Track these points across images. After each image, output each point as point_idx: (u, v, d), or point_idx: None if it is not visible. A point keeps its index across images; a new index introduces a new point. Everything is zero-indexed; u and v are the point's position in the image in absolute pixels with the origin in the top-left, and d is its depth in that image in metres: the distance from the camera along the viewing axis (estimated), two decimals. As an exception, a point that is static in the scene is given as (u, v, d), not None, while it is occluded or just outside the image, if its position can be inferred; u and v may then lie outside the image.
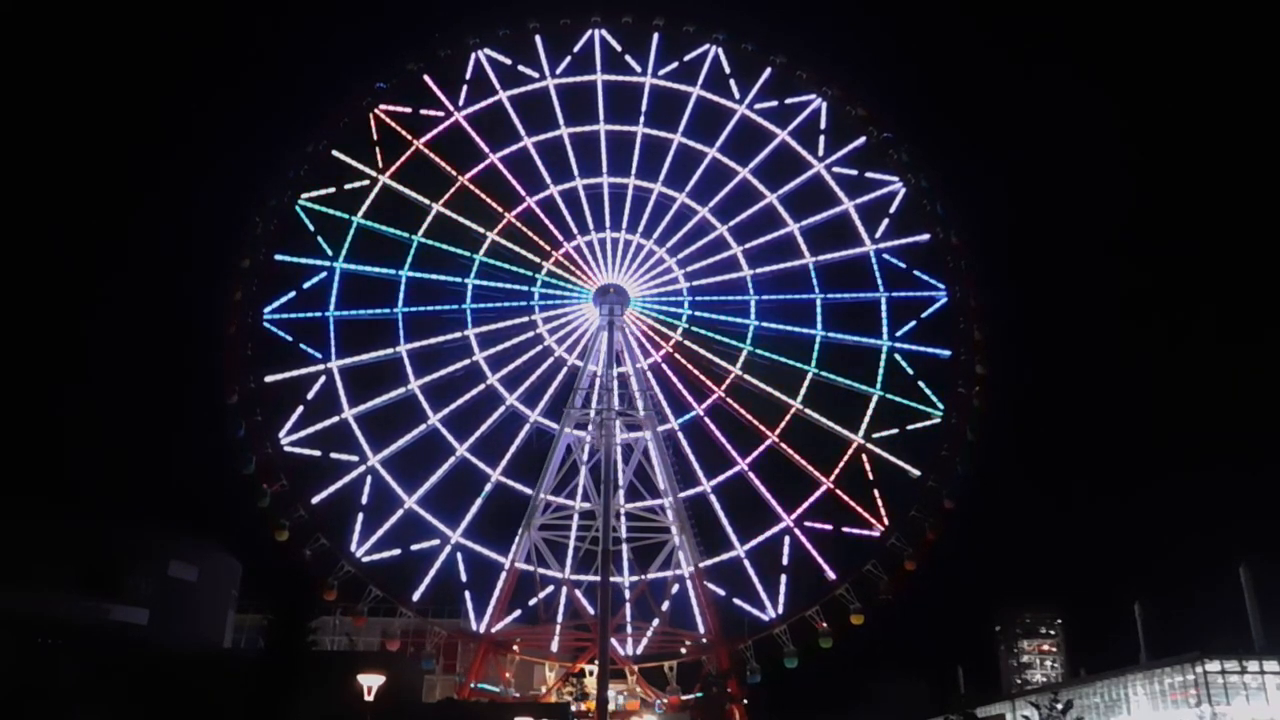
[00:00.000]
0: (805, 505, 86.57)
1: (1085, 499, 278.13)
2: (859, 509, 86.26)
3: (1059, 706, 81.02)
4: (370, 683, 45.38)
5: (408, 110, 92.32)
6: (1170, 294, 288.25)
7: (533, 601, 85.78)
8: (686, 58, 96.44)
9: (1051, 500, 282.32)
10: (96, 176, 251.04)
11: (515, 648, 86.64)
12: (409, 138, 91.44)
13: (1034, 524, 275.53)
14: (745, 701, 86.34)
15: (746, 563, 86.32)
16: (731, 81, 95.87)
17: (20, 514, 65.79)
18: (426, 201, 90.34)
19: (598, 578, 78.75)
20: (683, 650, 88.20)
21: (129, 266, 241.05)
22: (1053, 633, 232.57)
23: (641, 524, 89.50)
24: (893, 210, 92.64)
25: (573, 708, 79.59)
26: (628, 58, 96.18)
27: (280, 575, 72.18)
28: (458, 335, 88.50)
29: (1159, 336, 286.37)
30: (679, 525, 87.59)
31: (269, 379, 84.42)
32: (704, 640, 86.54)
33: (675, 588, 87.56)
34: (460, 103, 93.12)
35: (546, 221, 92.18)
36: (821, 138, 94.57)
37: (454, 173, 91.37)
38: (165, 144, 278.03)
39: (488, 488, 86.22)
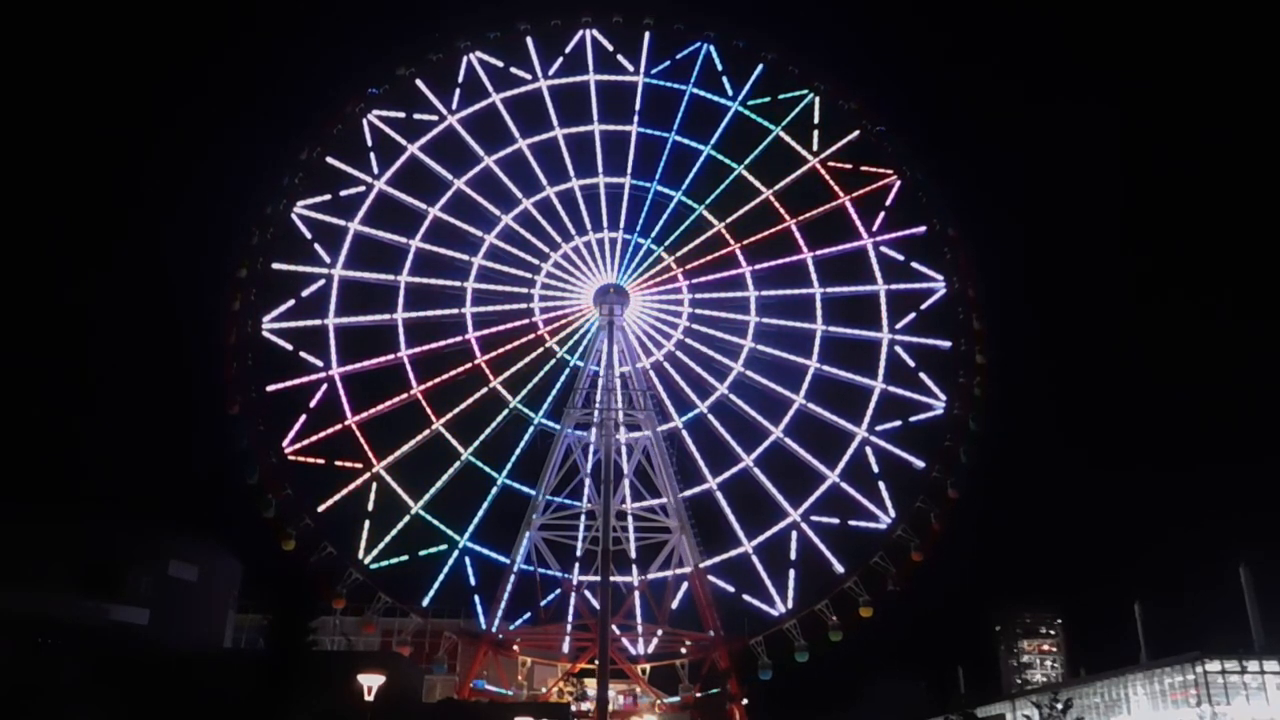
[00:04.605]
0: (811, 500, 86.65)
1: (1085, 496, 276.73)
2: (865, 502, 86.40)
3: (1059, 706, 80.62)
4: (370, 683, 45.43)
5: (401, 115, 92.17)
6: (1172, 285, 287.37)
7: (544, 602, 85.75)
8: (678, 56, 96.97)
9: (1051, 496, 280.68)
10: (93, 184, 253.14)
11: (515, 648, 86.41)
12: (403, 142, 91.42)
13: (1034, 519, 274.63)
14: (745, 701, 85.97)
15: (754, 559, 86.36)
16: (724, 79, 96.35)
17: (20, 514, 65.37)
18: (423, 206, 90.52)
19: (598, 578, 78.45)
20: (683, 650, 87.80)
21: (129, 270, 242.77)
22: (1053, 633, 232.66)
23: (642, 524, 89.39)
24: (889, 203, 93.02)
25: (573, 708, 79.24)
26: (619, 57, 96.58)
27: (280, 575, 72.01)
28: (458, 339, 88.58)
29: (1161, 328, 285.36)
30: (680, 525, 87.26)
31: (270, 388, 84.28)
32: (711, 636, 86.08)
33: (684, 586, 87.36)
34: (453, 106, 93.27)
35: (544, 223, 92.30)
36: (815, 133, 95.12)
37: (450, 176, 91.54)
38: (159, 154, 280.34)
39: (493, 491, 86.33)
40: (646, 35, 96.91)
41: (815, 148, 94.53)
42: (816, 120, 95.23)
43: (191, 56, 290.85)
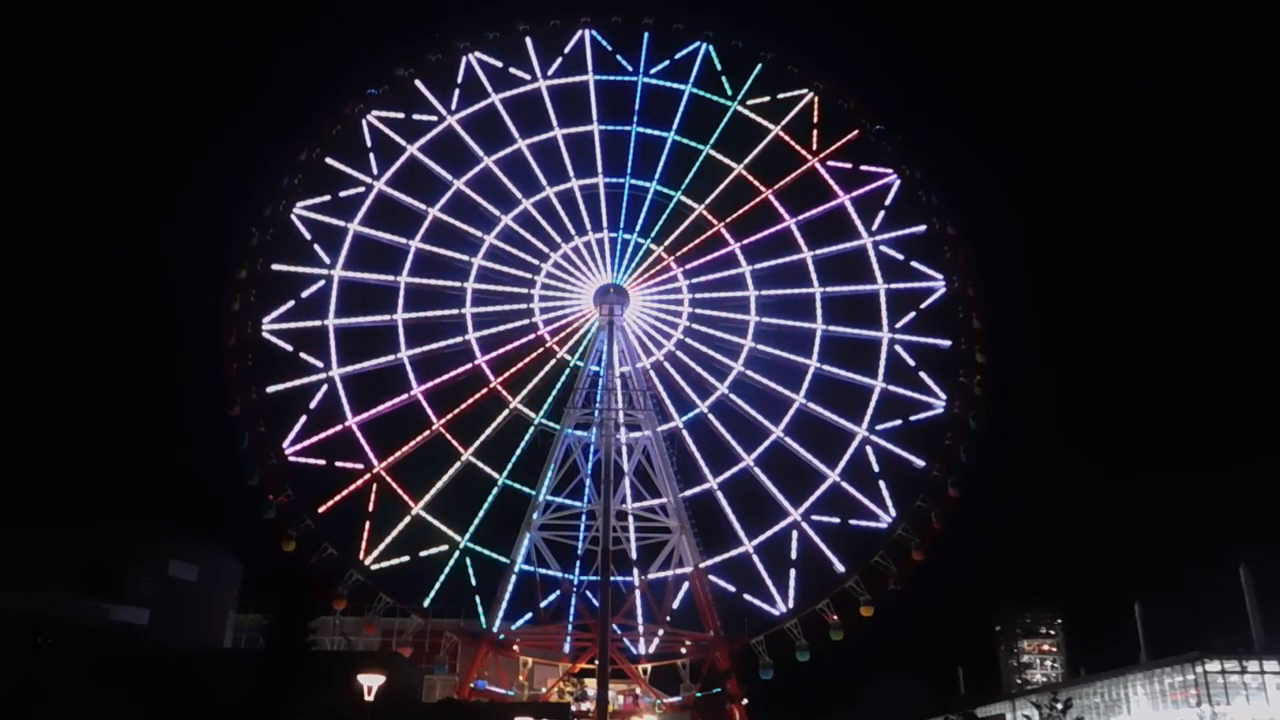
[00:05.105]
0: (811, 499, 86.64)
1: (1085, 496, 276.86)
2: (865, 501, 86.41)
3: (1059, 706, 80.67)
4: (370, 683, 45.39)
5: (400, 115, 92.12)
6: (1172, 285, 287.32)
7: (545, 603, 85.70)
8: (677, 56, 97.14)
9: (1051, 495, 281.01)
10: (93, 184, 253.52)
11: (515, 648, 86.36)
12: (402, 143, 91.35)
13: (1034, 518, 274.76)
14: (745, 701, 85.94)
15: (755, 558, 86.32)
16: (723, 78, 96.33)
17: (20, 514, 65.53)
18: (423, 207, 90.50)
19: (598, 578, 78.42)
20: (683, 650, 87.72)
21: (129, 271, 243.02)
22: (1053, 633, 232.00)
23: (643, 524, 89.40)
24: (888, 202, 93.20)
25: (573, 708, 79.21)
26: (618, 57, 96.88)
27: (280, 575, 71.87)
28: (458, 340, 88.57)
29: (1161, 327, 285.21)
30: (680, 525, 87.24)
31: (271, 389, 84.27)
32: (711, 636, 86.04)
33: (685, 586, 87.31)
34: (453, 107, 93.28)
35: (544, 223, 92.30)
36: (814, 132, 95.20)
37: (449, 177, 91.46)
38: (159, 154, 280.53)
39: (494, 491, 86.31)
40: (645, 35, 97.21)
41: (815, 147, 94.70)
42: (816, 119, 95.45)
43: (191, 56, 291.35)
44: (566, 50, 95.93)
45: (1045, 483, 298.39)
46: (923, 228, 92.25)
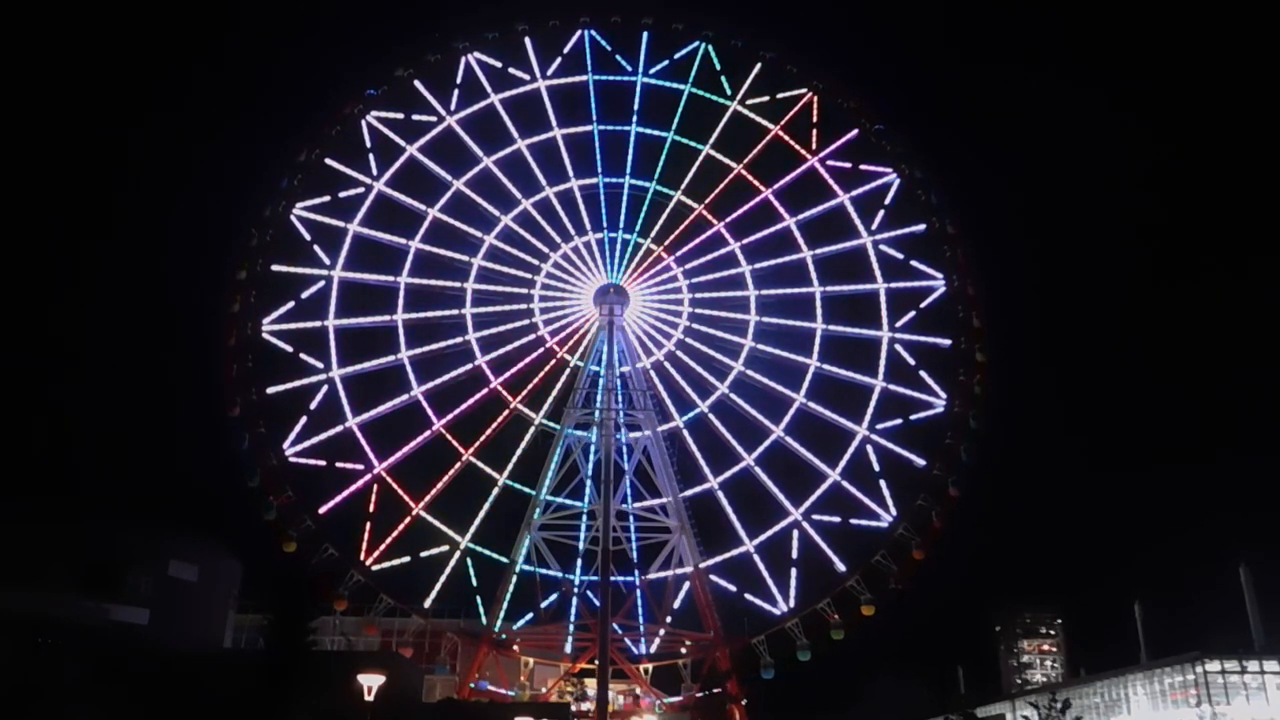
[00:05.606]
0: (812, 499, 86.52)
1: (1085, 495, 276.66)
2: (866, 500, 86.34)
3: (1059, 706, 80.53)
4: (370, 683, 45.44)
5: (399, 116, 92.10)
6: (1171, 284, 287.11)
7: (545, 603, 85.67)
8: (676, 56, 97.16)
9: (1051, 494, 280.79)
10: (92, 185, 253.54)
11: (516, 648, 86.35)
12: (402, 143, 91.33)
13: (1034, 518, 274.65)
14: (745, 701, 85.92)
15: (756, 558, 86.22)
16: (723, 78, 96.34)
17: (20, 514, 65.77)
18: (422, 207, 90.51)
19: (598, 578, 78.39)
20: (683, 650, 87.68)
21: (128, 271, 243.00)
22: (1053, 633, 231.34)
23: (643, 524, 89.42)
24: (888, 201, 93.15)
25: (573, 708, 79.18)
26: (618, 57, 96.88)
27: (280, 575, 71.88)
28: (459, 340, 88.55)
29: (1161, 327, 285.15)
30: (680, 525, 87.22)
31: (271, 390, 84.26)
32: (712, 636, 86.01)
33: (685, 586, 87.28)
34: (452, 107, 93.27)
35: (543, 223, 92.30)
36: (814, 131, 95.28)
37: (449, 177, 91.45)
38: (158, 154, 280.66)
39: (494, 491, 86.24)
40: (644, 35, 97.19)
41: (814, 146, 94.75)
42: (815, 119, 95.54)
43: (191, 57, 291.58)
44: (566, 50, 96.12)
45: (1045, 482, 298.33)
46: (922, 227, 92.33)
